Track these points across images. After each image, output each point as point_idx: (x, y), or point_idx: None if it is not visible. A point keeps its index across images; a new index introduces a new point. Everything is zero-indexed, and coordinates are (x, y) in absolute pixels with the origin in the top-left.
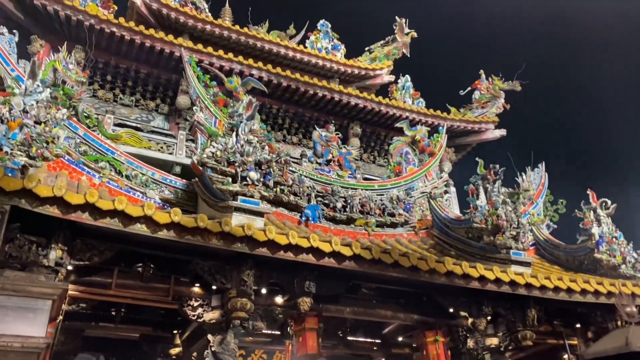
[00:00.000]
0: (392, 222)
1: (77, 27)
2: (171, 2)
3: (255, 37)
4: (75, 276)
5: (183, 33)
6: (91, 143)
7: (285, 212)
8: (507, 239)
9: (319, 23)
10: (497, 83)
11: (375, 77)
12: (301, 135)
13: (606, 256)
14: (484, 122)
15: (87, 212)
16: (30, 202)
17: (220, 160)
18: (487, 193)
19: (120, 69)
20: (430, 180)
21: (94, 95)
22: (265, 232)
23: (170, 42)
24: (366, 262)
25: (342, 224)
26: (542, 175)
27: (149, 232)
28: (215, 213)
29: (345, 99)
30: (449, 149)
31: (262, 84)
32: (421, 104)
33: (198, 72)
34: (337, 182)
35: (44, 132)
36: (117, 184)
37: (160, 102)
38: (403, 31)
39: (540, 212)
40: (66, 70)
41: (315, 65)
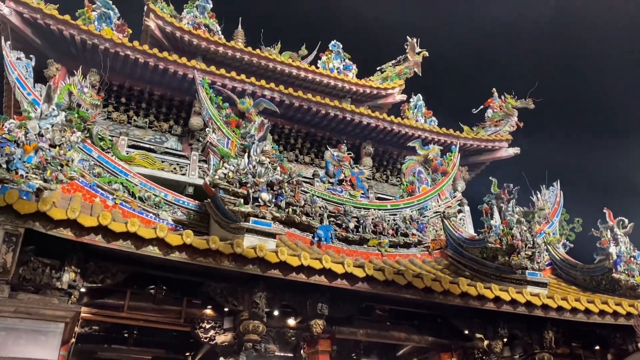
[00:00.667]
0: (406, 243)
1: (92, 50)
2: (184, 25)
3: (268, 58)
4: (88, 298)
5: (196, 55)
6: (105, 165)
7: (298, 232)
8: (522, 259)
9: (330, 43)
10: (510, 101)
11: (387, 96)
12: (313, 155)
13: (625, 276)
14: (497, 140)
15: (100, 235)
16: (45, 225)
17: (232, 182)
18: (502, 212)
19: (134, 91)
20: (443, 199)
21: (109, 117)
22: (277, 254)
23: (183, 64)
24: (379, 284)
25: (354, 245)
26: (557, 193)
27: (161, 254)
28: (227, 234)
29: (357, 119)
30: (462, 167)
31: (274, 105)
32: (433, 123)
33: (211, 93)
34: (350, 202)
35: (59, 155)
36: (130, 205)
37: (174, 123)
38: (414, 50)
39: (556, 231)
40: (81, 93)
41: (327, 85)
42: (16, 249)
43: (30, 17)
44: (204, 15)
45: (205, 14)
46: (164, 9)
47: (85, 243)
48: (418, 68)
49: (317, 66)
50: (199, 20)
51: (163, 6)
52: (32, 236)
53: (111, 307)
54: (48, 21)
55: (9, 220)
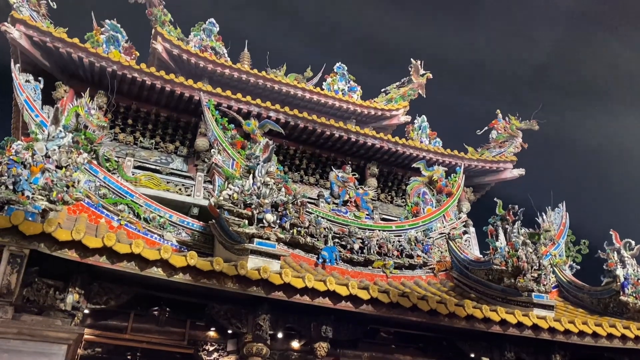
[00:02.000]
0: (411, 264)
1: (100, 73)
2: (191, 48)
3: (273, 80)
4: (92, 320)
5: (203, 77)
6: (110, 186)
7: (302, 253)
8: (528, 281)
9: (335, 66)
10: (514, 122)
11: (392, 117)
12: (318, 176)
13: (632, 299)
14: (502, 161)
15: (105, 256)
16: (49, 246)
17: (237, 203)
18: (507, 234)
19: (140, 113)
20: (448, 220)
21: (115, 138)
22: (281, 276)
23: (189, 86)
24: (384, 306)
25: (359, 266)
26: (563, 215)
27: (165, 275)
28: (231, 255)
29: (361, 140)
30: (467, 188)
31: (279, 126)
32: (438, 144)
33: (216, 115)
34: (354, 223)
35: (65, 177)
36: (135, 226)
37: (180, 144)
38: (418, 72)
39: (562, 253)
40: (88, 115)
41: (332, 106)
42: (20, 270)
43: (39, 40)
44: (211, 38)
45: (212, 37)
46: (172, 32)
47: (89, 264)
48: (422, 90)
49: (322, 88)
50: (206, 43)
51: (170, 29)
52: (36, 257)
53: (114, 329)
54: (57, 44)
55: (14, 242)
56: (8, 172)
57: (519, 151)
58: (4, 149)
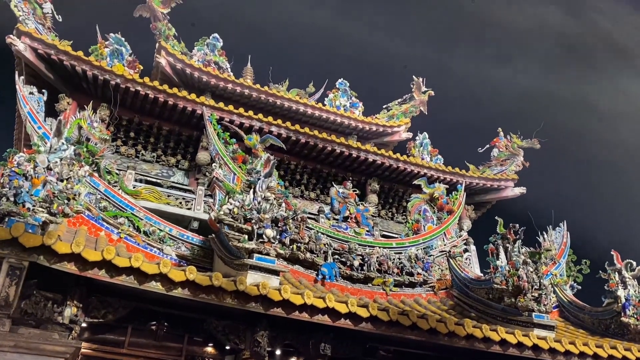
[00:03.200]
0: (411, 282)
1: (103, 86)
2: (195, 63)
3: (275, 95)
4: (89, 334)
5: (205, 92)
6: (111, 199)
7: (302, 269)
8: (528, 300)
9: (337, 82)
10: (515, 141)
11: (393, 134)
12: (319, 191)
13: (634, 320)
14: (503, 179)
15: (104, 269)
16: (49, 259)
17: (237, 217)
18: (508, 253)
19: (143, 126)
20: (449, 238)
21: (117, 151)
22: (281, 292)
23: (192, 100)
24: (383, 324)
25: (359, 283)
26: (564, 234)
27: (163, 290)
28: (230, 271)
29: (363, 156)
30: (468, 206)
31: (280, 141)
32: (439, 161)
33: (218, 129)
34: (355, 240)
35: (66, 189)
36: (135, 240)
37: (181, 158)
38: (420, 90)
39: (563, 273)
40: (90, 128)
41: (334, 122)
42: (19, 282)
43: (44, 53)
44: (214, 53)
45: (215, 51)
46: (175, 47)
47: (88, 277)
48: (424, 107)
49: (324, 103)
50: (209, 57)
51: (174, 44)
52: (35, 269)
53: (112, 343)
54: (61, 57)
55: (14, 254)
56: (9, 183)
57: (521, 169)
58: (6, 161)
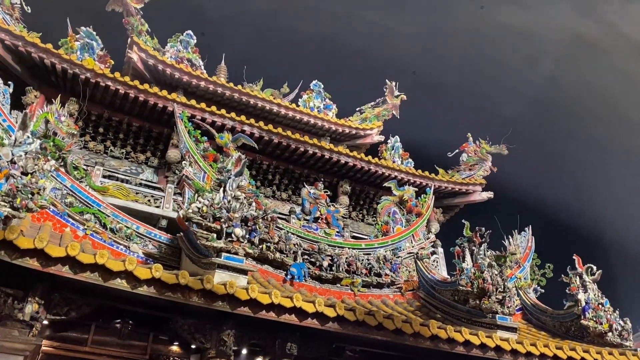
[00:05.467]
0: (379, 283)
1: (72, 80)
2: (167, 59)
3: (249, 94)
4: (51, 331)
5: (178, 88)
6: (77, 195)
7: (271, 269)
8: (492, 303)
9: (312, 83)
10: (484, 146)
11: (366, 136)
12: (291, 192)
13: (593, 323)
14: (472, 184)
15: (68, 266)
16: (10, 254)
17: (206, 216)
18: (473, 256)
19: (112, 122)
20: (417, 240)
21: (85, 146)
22: (248, 291)
23: (163, 97)
24: (350, 324)
25: (328, 283)
26: (529, 238)
27: (129, 287)
28: (198, 269)
29: (335, 157)
30: (436, 209)
31: (252, 141)
32: (410, 165)
33: (189, 127)
34: (324, 240)
35: (30, 184)
36: (101, 236)
37: (151, 155)
38: (393, 94)
39: (527, 276)
40: (58, 122)
41: (307, 123)
42: None
43: (11, 44)
44: (188, 50)
45: (189, 48)
46: (148, 42)
47: (51, 274)
48: (396, 111)
49: (298, 104)
50: (182, 54)
51: (147, 39)
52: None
53: (74, 341)
54: (29, 49)
55: None
56: None
57: (488, 174)
58: None
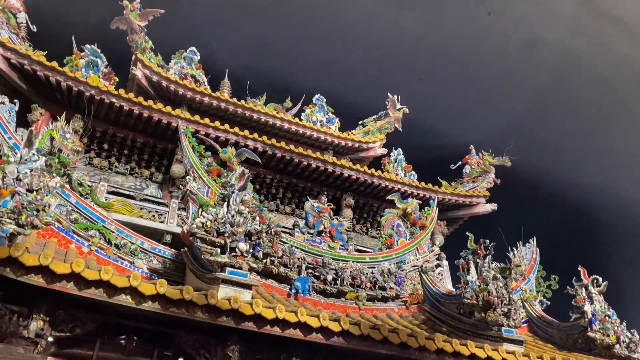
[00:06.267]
0: (384, 296)
1: (77, 97)
2: (171, 76)
3: (252, 109)
4: (56, 348)
5: (182, 104)
6: (82, 211)
7: (275, 284)
8: (498, 315)
9: (314, 97)
10: (487, 158)
11: (369, 149)
12: (294, 205)
13: (600, 335)
14: (475, 196)
15: (73, 282)
16: (15, 271)
17: (210, 231)
18: (478, 268)
19: (117, 138)
20: (421, 253)
21: (90, 163)
22: (252, 306)
23: (167, 113)
24: (355, 338)
25: (332, 297)
26: (533, 250)
27: (133, 303)
28: (203, 284)
29: (338, 171)
30: (440, 222)
31: (256, 155)
32: (413, 177)
33: (193, 142)
34: (328, 254)
35: (35, 200)
36: (105, 252)
37: (155, 170)
38: (395, 107)
39: (532, 288)
40: (63, 139)
41: (310, 137)
42: None
43: (17, 63)
44: (191, 67)
45: (192, 65)
46: (152, 59)
47: (56, 290)
48: (399, 124)
49: (301, 118)
50: (186, 71)
51: (151, 56)
52: (1, 282)
53: (79, 358)
54: (35, 67)
55: None
56: None
57: (492, 186)
58: None
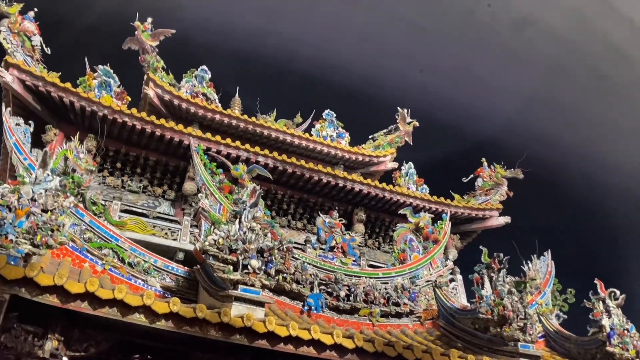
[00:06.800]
0: (397, 312)
1: (90, 117)
2: (183, 94)
3: (263, 125)
4: None
5: (193, 122)
6: (96, 230)
7: (288, 300)
8: (514, 330)
9: (324, 112)
10: (499, 171)
11: (379, 163)
12: (306, 221)
13: (619, 349)
14: (488, 209)
15: (87, 302)
16: (30, 291)
17: (222, 248)
18: (492, 282)
19: (130, 157)
20: (435, 268)
21: (103, 182)
22: (265, 323)
23: (179, 131)
24: (369, 355)
25: (345, 314)
26: (548, 263)
27: (147, 322)
28: (215, 302)
29: (349, 185)
30: (453, 235)
31: (267, 171)
32: (425, 191)
33: (205, 159)
34: (341, 270)
35: (50, 220)
36: (119, 271)
37: (167, 188)
38: (405, 120)
39: (548, 302)
40: (77, 159)
41: (321, 152)
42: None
43: (32, 85)
44: (203, 85)
45: (203, 83)
46: (164, 78)
47: (70, 310)
48: (409, 137)
49: (311, 134)
50: (197, 89)
51: (163, 75)
52: (17, 302)
53: None
54: (49, 88)
55: None
56: None
57: (505, 199)
58: None
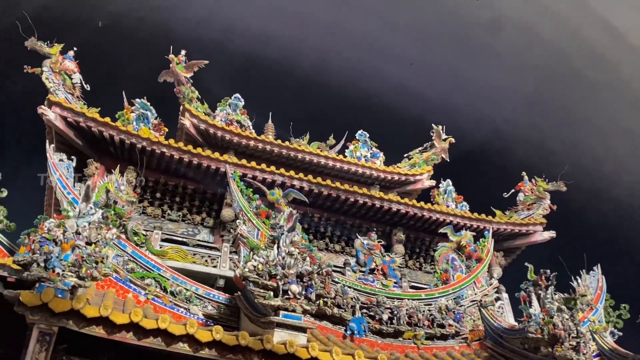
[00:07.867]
0: (442, 334)
1: (130, 149)
2: (217, 122)
3: (296, 149)
4: None
5: (228, 149)
6: (138, 260)
7: (329, 325)
8: (566, 349)
9: (357, 133)
10: (540, 184)
11: (416, 182)
12: (344, 243)
13: None
14: (531, 224)
15: (132, 332)
16: (78, 323)
17: (262, 274)
18: (540, 300)
19: (168, 186)
20: (479, 287)
21: (144, 212)
22: (308, 349)
23: (216, 159)
24: None
25: (389, 338)
26: (599, 278)
27: (190, 351)
28: (257, 329)
29: (386, 205)
30: (497, 253)
31: (302, 195)
32: (465, 208)
33: (241, 186)
34: (382, 292)
35: (94, 253)
36: (162, 300)
37: (206, 215)
38: (440, 137)
39: (601, 319)
40: (118, 191)
41: (355, 173)
42: (49, 348)
43: (73, 121)
44: (236, 112)
45: (237, 111)
46: (199, 108)
47: (116, 341)
48: (445, 154)
49: (345, 155)
50: (232, 117)
51: (197, 105)
52: (65, 334)
53: None
54: (90, 123)
55: (44, 319)
56: (40, 249)
57: (548, 213)
58: (37, 227)
